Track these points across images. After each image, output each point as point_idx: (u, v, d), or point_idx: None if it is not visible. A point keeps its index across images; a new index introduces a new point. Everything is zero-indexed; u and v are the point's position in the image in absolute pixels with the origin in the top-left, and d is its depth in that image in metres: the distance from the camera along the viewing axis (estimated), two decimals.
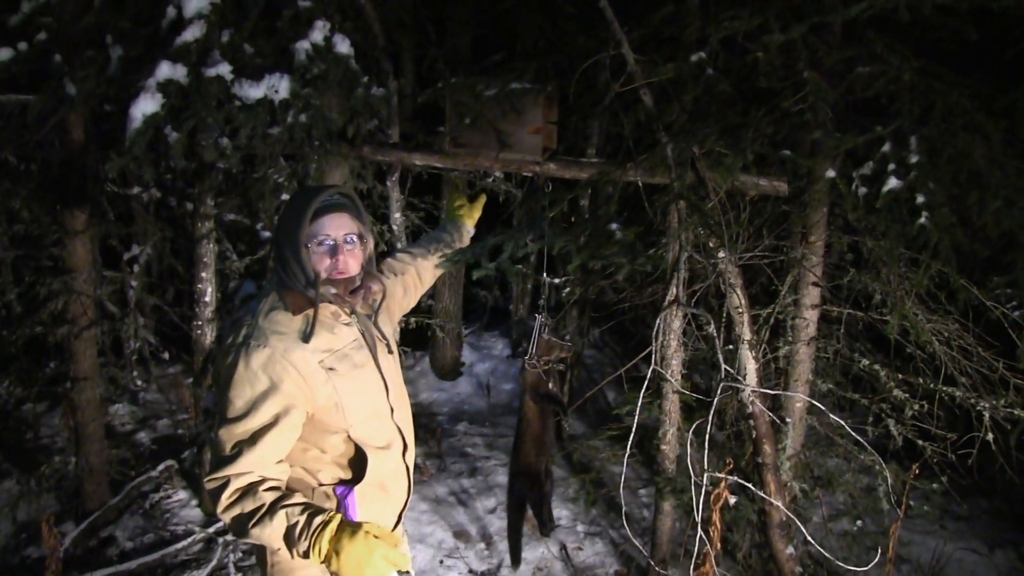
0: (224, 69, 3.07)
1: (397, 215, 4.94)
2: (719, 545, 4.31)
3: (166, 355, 7.03)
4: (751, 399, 4.30)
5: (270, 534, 2.18)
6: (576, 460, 6.47)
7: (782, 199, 4.71)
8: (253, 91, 3.05)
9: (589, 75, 3.65)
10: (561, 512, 5.57)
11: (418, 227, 6.93)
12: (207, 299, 5.06)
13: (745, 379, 4.33)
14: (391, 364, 2.64)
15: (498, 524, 5.45)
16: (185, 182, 6.24)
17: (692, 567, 5.12)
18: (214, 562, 4.73)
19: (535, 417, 4.14)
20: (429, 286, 3.27)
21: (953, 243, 2.95)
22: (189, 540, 4.91)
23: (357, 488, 2.45)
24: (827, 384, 4.93)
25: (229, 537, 4.95)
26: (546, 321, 4.16)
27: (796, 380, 4.79)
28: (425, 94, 4.68)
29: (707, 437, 3.84)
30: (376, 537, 2.17)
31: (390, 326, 2.78)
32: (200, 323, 5.09)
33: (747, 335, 4.19)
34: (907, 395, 4.50)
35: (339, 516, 2.21)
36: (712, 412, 3.53)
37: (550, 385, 4.11)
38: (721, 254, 4.08)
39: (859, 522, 4.81)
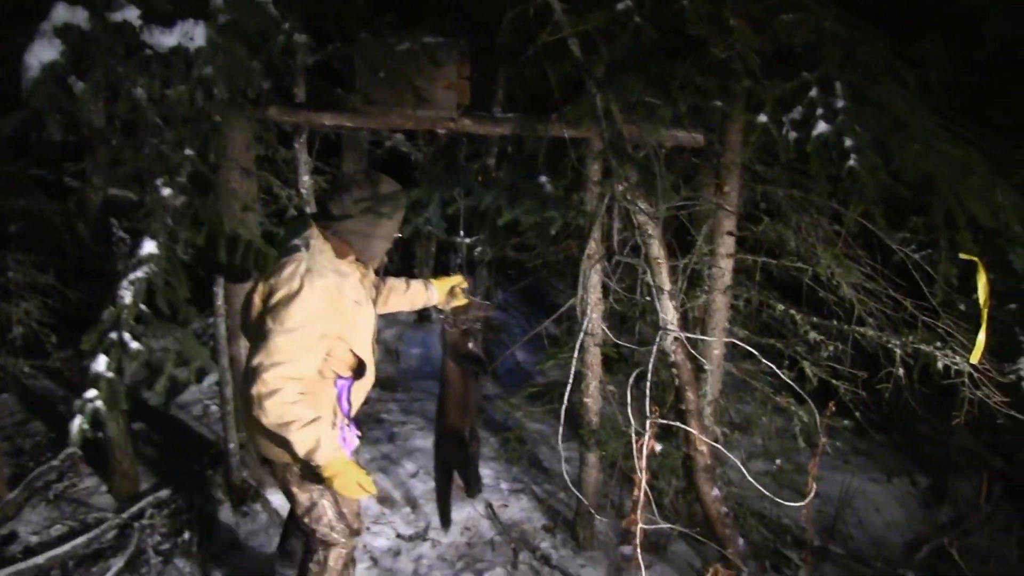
0: (131, 14, 2.83)
1: (306, 178, 4.77)
2: (646, 493, 4.35)
3: (53, 339, 6.66)
4: (673, 347, 4.36)
5: (302, 441, 2.91)
6: (495, 419, 6.48)
7: (694, 151, 4.76)
8: (165, 39, 2.85)
9: (511, 27, 3.56)
10: (484, 471, 5.56)
11: (326, 191, 6.68)
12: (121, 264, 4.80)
13: (667, 328, 4.38)
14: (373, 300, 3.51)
15: (421, 488, 5.41)
16: (69, 154, 5.89)
17: (617, 516, 5.23)
18: (131, 549, 4.53)
19: (457, 379, 4.08)
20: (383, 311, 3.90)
21: (878, 185, 3.02)
22: (102, 528, 4.67)
23: (354, 384, 3.31)
24: (743, 331, 5.04)
25: (146, 521, 4.77)
26: (486, 284, 4.11)
27: (713, 328, 4.87)
28: (331, 50, 4.53)
29: (641, 386, 3.84)
30: (357, 469, 3.03)
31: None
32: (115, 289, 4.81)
33: (666, 285, 4.23)
34: (822, 338, 4.64)
35: (344, 450, 3.06)
36: (652, 362, 3.51)
37: (470, 346, 4.07)
38: (641, 205, 4.10)
39: (777, 461, 4.95)
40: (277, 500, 4.93)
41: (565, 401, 3.86)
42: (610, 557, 4.90)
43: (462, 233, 4.46)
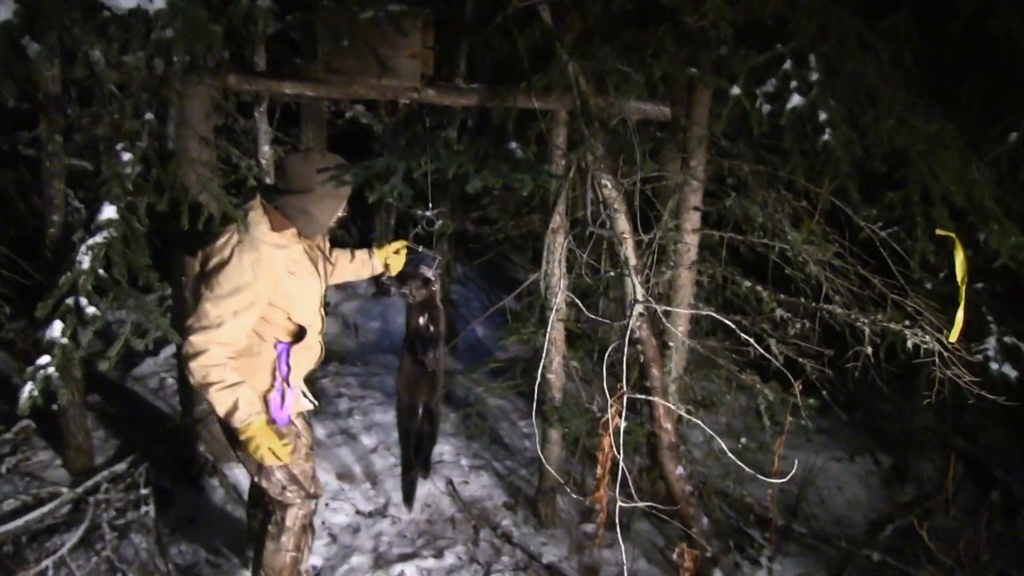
0: None
1: (266, 148, 4.68)
2: (608, 470, 4.31)
3: (7, 310, 6.50)
4: (638, 323, 4.31)
5: (220, 403, 3.07)
6: (456, 395, 6.41)
7: (660, 125, 4.70)
8: (124, 0, 2.75)
9: None
10: (443, 447, 5.50)
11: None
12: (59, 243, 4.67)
13: (632, 303, 4.33)
14: (325, 271, 3.56)
15: (381, 463, 5.34)
16: (22, 122, 5.72)
17: (579, 492, 5.19)
18: (86, 523, 4.42)
19: (407, 355, 4.00)
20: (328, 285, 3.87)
21: (852, 160, 2.98)
22: (56, 503, 4.56)
23: (293, 347, 3.35)
24: (709, 308, 5.00)
25: (101, 496, 4.65)
26: (432, 255, 4.01)
27: (678, 304, 4.82)
28: (293, 17, 4.42)
29: (604, 362, 3.79)
30: (273, 437, 3.18)
31: (326, 245, 3.68)
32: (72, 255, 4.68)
33: (632, 260, 4.18)
34: (789, 315, 4.60)
35: (262, 416, 3.17)
36: (626, 338, 3.45)
37: (420, 320, 3.96)
38: (607, 179, 4.04)
39: (742, 440, 4.93)
40: (234, 474, 4.84)
41: (539, 378, 3.78)
42: (572, 535, 4.87)
43: (431, 205, 4.37)
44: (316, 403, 3.67)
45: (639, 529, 4.97)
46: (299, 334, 3.37)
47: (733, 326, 3.68)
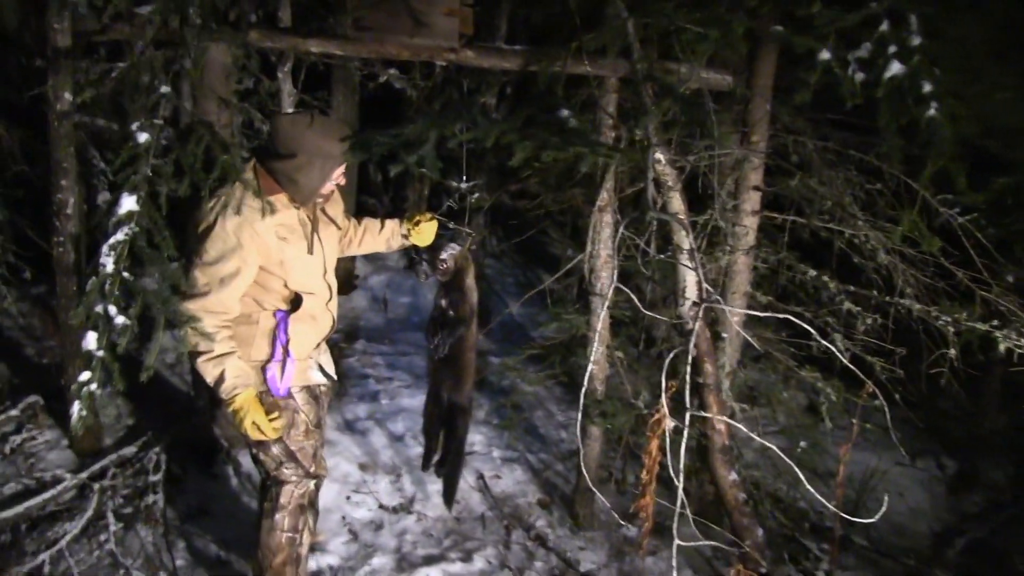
0: None
1: (290, 111, 4.32)
2: (655, 475, 3.93)
3: (28, 274, 6.20)
4: (691, 313, 3.93)
5: (207, 373, 3.00)
6: (487, 379, 6.03)
7: (714, 96, 4.28)
8: None
9: None
10: (474, 436, 5.14)
11: None
12: (68, 211, 4.34)
13: (685, 292, 3.95)
14: (330, 236, 3.36)
15: (406, 452, 5.00)
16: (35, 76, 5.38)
17: (619, 491, 4.83)
18: (90, 512, 4.12)
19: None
20: (352, 254, 3.83)
21: (959, 138, 2.55)
22: (59, 488, 4.25)
23: (292, 315, 3.21)
24: (767, 297, 4.59)
25: (107, 482, 4.35)
26: (465, 232, 3.67)
27: (734, 292, 4.45)
28: None
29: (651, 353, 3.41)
30: (259, 411, 3.03)
31: (336, 211, 3.44)
32: (62, 239, 4.37)
33: (686, 244, 3.80)
34: (858, 309, 4.17)
35: (251, 388, 3.04)
36: (694, 334, 3.06)
37: (443, 303, 3.63)
38: (659, 154, 3.64)
39: (802, 443, 4.52)
40: (248, 462, 4.51)
41: (586, 381, 3.39)
42: (612, 538, 4.51)
43: (464, 178, 4.03)
44: (334, 378, 3.56)
45: (685, 534, 4.57)
46: (297, 301, 3.23)
47: (803, 324, 3.27)
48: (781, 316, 3.17)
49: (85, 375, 2.91)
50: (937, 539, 5.10)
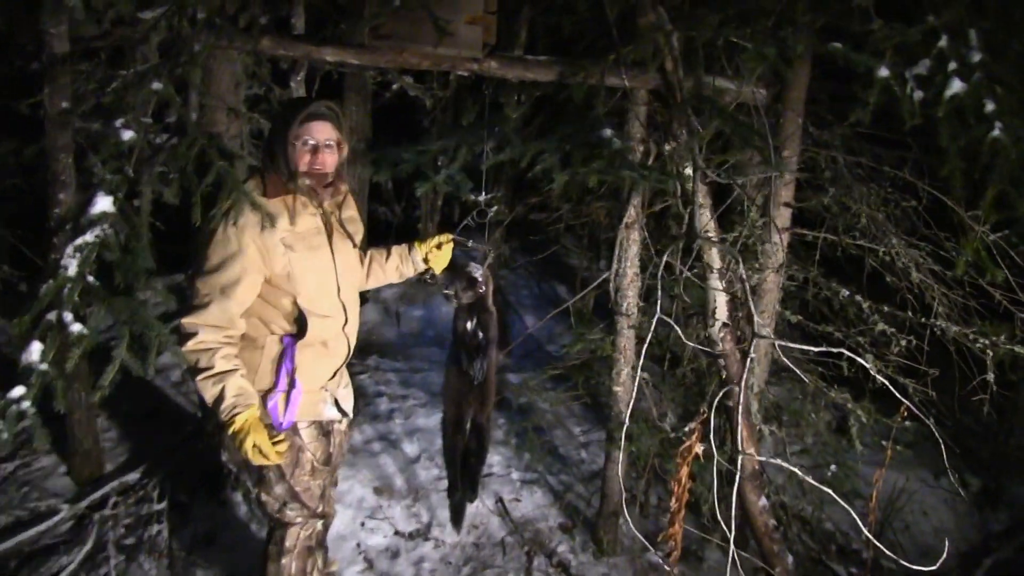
0: None
1: None
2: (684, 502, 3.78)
3: (23, 287, 6.00)
4: (721, 335, 3.79)
5: (206, 392, 2.79)
6: (506, 398, 5.85)
7: (741, 109, 4.15)
8: None
9: None
10: (493, 458, 4.96)
11: None
12: (68, 227, 4.15)
13: (714, 312, 3.80)
14: (347, 252, 3.11)
15: (424, 475, 4.83)
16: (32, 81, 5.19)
17: (643, 515, 4.67)
18: (89, 545, 3.94)
19: (455, 371, 3.47)
20: (367, 286, 3.51)
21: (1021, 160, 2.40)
22: (55, 520, 4.05)
23: (299, 342, 2.97)
24: (795, 316, 4.44)
25: (108, 511, 4.17)
26: (484, 250, 3.51)
27: (763, 311, 4.29)
28: None
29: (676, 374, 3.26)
30: (261, 432, 2.79)
31: (356, 227, 3.20)
32: (58, 255, 4.18)
33: (716, 262, 3.65)
34: (892, 330, 4.03)
35: (253, 408, 2.80)
36: (750, 365, 2.91)
37: (468, 326, 3.44)
38: (688, 170, 3.49)
39: (832, 467, 4.38)
40: None
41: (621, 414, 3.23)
42: (636, 564, 4.36)
43: (484, 194, 3.86)
44: (349, 415, 3.27)
45: (712, 560, 4.44)
46: (303, 325, 2.98)
47: (835, 347, 3.12)
48: (804, 332, 3.04)
49: (18, 391, 2.48)
50: (962, 558, 4.96)
